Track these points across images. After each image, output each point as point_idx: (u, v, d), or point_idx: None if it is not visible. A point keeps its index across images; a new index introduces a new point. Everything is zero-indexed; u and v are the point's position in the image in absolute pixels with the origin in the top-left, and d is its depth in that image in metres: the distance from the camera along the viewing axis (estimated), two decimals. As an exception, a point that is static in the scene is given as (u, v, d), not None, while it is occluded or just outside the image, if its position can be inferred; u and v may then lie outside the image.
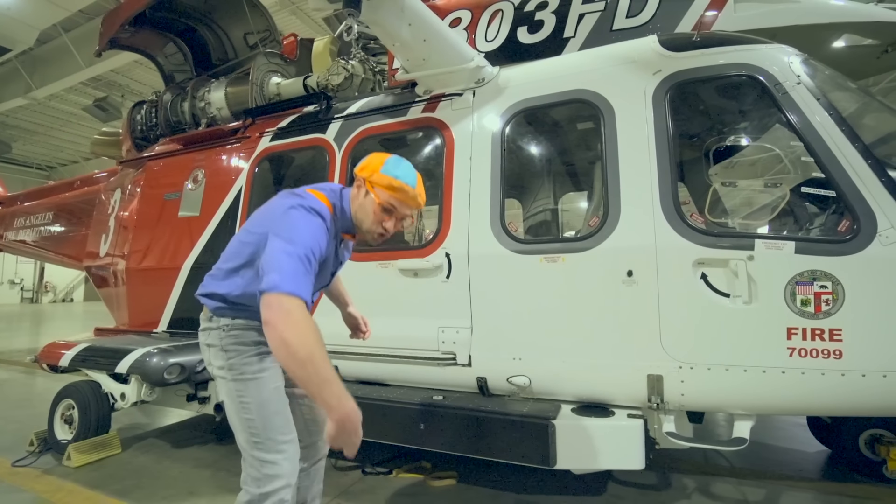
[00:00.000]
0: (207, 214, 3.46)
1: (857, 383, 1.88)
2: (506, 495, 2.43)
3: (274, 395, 1.48)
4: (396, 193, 1.45)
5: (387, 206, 1.46)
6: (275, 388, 1.50)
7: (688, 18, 2.67)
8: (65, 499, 2.40)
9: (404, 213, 1.50)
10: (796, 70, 2.16)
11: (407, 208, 1.49)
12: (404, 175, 1.46)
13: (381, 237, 1.52)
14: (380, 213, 1.47)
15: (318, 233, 1.37)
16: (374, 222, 1.48)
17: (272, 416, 1.45)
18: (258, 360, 1.48)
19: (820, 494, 2.45)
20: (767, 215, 2.27)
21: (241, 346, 1.48)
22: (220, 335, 1.50)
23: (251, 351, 1.49)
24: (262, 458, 1.42)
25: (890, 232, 1.86)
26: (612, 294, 2.20)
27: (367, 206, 1.47)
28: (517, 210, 4.17)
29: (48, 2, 10.35)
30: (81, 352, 3.10)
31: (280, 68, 4.06)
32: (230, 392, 1.47)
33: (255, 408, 1.44)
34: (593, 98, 2.43)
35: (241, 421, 1.45)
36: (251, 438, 1.43)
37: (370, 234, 1.52)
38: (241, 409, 1.45)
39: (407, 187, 1.45)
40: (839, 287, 1.89)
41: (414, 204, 1.49)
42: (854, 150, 1.97)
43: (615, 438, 2.11)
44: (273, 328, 1.18)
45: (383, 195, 1.45)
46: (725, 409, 2.15)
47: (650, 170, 2.21)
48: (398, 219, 1.51)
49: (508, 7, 3.00)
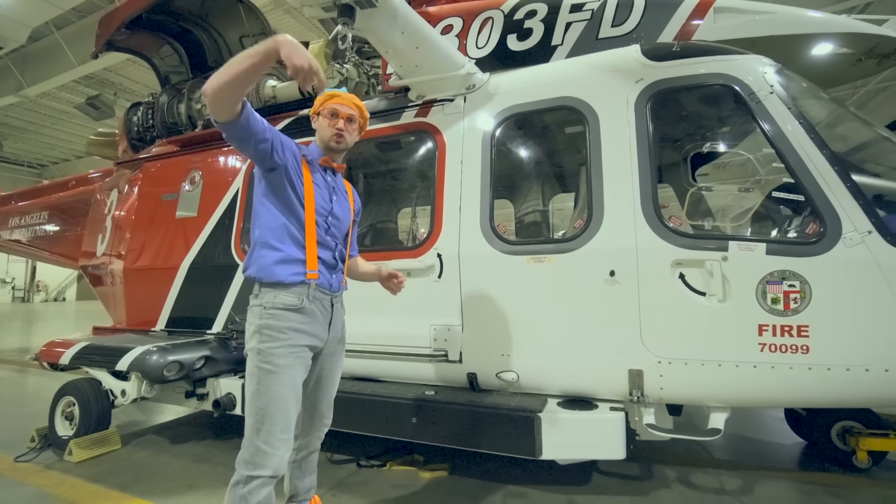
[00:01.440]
0: (205, 215, 3.53)
1: (823, 376, 2.01)
2: (495, 486, 2.53)
3: (289, 393, 1.59)
4: (332, 99, 1.78)
5: (331, 111, 1.77)
6: (292, 386, 1.61)
7: (670, 27, 2.78)
8: (68, 492, 2.47)
9: (346, 111, 1.78)
10: (770, 80, 2.27)
11: (346, 107, 1.79)
12: (335, 89, 1.83)
13: (338, 137, 1.78)
14: (329, 119, 1.77)
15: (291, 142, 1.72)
16: (328, 127, 1.77)
17: (279, 412, 1.56)
18: (286, 353, 1.59)
19: (794, 483, 2.58)
20: (741, 218, 2.39)
21: (275, 332, 1.60)
22: (259, 314, 1.62)
23: (282, 341, 1.60)
24: (257, 446, 1.53)
25: (853, 234, 1.98)
26: (595, 293, 2.31)
27: (321, 124, 1.80)
28: (509, 209, 4.28)
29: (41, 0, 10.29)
30: (81, 350, 3.17)
31: (275, 71, 4.12)
32: (252, 374, 1.60)
33: (267, 399, 1.56)
34: (579, 105, 2.53)
35: (252, 405, 1.57)
36: (255, 425, 1.55)
37: (331, 141, 1.78)
38: (255, 395, 1.57)
39: (338, 92, 1.80)
40: (807, 286, 2.01)
41: (350, 102, 1.80)
42: (822, 157, 2.09)
43: (597, 430, 2.22)
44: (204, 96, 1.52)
45: (325, 107, 1.79)
46: (701, 401, 2.27)
47: (632, 174, 2.32)
48: (343, 117, 1.78)
49: (498, 15, 3.10)
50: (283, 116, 3.54)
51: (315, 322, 1.69)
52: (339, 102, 1.78)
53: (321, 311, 1.71)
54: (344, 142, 1.80)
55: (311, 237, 1.68)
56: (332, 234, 1.77)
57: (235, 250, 3.32)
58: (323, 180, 1.79)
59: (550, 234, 3.45)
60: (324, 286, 1.71)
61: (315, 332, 1.70)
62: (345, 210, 1.85)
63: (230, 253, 3.34)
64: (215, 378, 3.04)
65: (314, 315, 1.68)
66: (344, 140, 1.80)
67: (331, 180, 1.83)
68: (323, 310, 1.72)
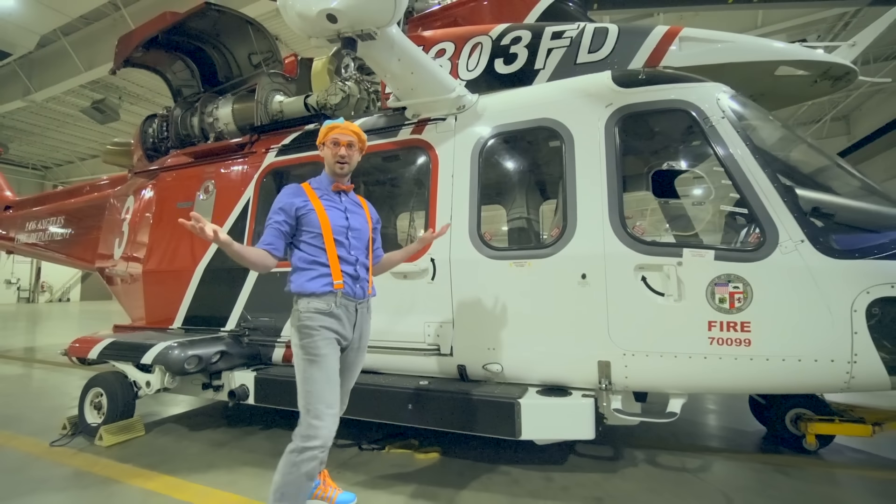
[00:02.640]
0: (218, 222, 3.82)
1: (763, 366, 2.31)
2: (482, 465, 2.84)
3: (329, 375, 1.94)
4: (333, 131, 2.12)
5: (333, 141, 2.11)
6: (330, 369, 1.95)
7: (641, 54, 3.09)
8: (103, 470, 2.78)
9: (345, 139, 2.11)
10: (723, 106, 2.58)
11: (345, 135, 2.11)
12: (334, 121, 2.16)
13: (341, 164, 2.12)
14: (332, 148, 2.11)
15: (281, 198, 2.07)
16: (332, 156, 2.11)
17: (323, 391, 1.91)
18: (323, 345, 1.94)
19: (749, 463, 2.89)
20: (694, 228, 2.69)
21: (311, 330, 1.95)
22: (298, 317, 1.98)
23: (318, 335, 1.94)
24: (309, 422, 1.87)
25: (788, 243, 2.29)
26: (569, 294, 2.61)
27: (326, 154, 2.13)
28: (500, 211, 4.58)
29: (49, 8, 10.57)
30: (108, 346, 3.48)
31: (282, 87, 4.43)
32: (299, 366, 1.95)
33: (312, 382, 1.91)
34: (556, 126, 2.84)
35: (303, 390, 1.92)
36: (306, 405, 1.90)
37: (336, 167, 2.12)
38: (303, 381, 1.93)
39: (337, 123, 2.13)
40: (749, 287, 2.32)
41: (348, 130, 2.12)
42: (764, 175, 2.40)
43: (570, 414, 2.52)
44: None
45: (328, 138, 2.12)
46: (661, 388, 2.58)
47: (601, 189, 2.63)
48: (344, 144, 2.10)
49: (487, 40, 3.41)
50: (291, 131, 3.85)
51: (341, 323, 2.01)
52: (340, 132, 2.12)
53: (346, 315, 2.04)
54: (347, 166, 2.14)
55: (333, 255, 2.01)
56: (355, 248, 2.09)
57: (247, 254, 3.63)
58: (336, 203, 2.13)
59: (532, 239, 3.74)
60: (349, 294, 2.03)
61: (341, 331, 2.02)
62: (362, 221, 2.18)
63: (242, 257, 3.64)
64: (230, 371, 3.35)
65: (340, 318, 2.01)
66: (347, 165, 2.14)
67: (344, 200, 2.17)
68: (348, 314, 2.05)
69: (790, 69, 3.22)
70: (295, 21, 2.76)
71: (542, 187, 4.11)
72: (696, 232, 2.71)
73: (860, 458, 2.96)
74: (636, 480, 2.64)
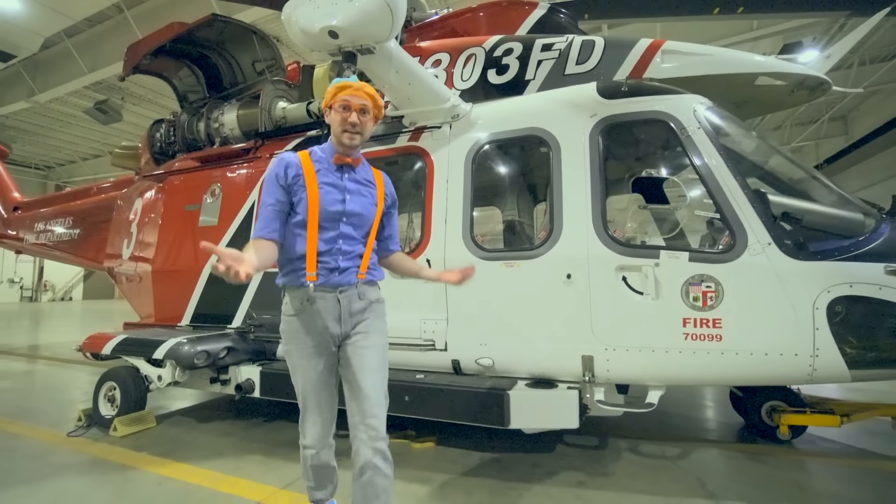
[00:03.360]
0: (225, 224, 4.01)
1: (733, 359, 2.50)
2: (474, 454, 3.03)
3: (309, 384, 1.78)
4: (343, 91, 1.71)
5: (342, 104, 1.71)
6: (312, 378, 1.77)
7: (625, 66, 3.27)
8: (119, 458, 2.96)
9: (358, 102, 1.71)
10: (699, 117, 2.76)
11: (357, 98, 1.71)
12: (345, 79, 1.77)
13: (351, 134, 1.72)
14: (340, 113, 1.71)
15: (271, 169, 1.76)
16: (340, 123, 1.71)
17: (306, 399, 1.82)
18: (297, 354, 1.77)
19: (725, 451, 3.07)
20: (670, 231, 2.87)
21: (287, 336, 1.79)
22: (282, 320, 1.81)
23: (294, 343, 1.77)
24: (301, 424, 1.86)
25: (756, 245, 2.47)
26: (555, 292, 2.80)
27: (333, 119, 1.74)
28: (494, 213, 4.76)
29: (53, 11, 10.73)
30: (121, 342, 3.66)
31: (285, 93, 4.60)
32: (290, 371, 1.83)
33: (299, 389, 1.83)
34: (544, 135, 3.02)
35: (296, 391, 1.85)
36: (300, 408, 1.85)
37: (344, 136, 1.72)
38: (294, 385, 1.84)
39: (349, 82, 1.73)
40: (720, 287, 2.50)
41: (361, 93, 1.71)
42: (735, 182, 2.58)
43: (555, 405, 2.70)
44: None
45: (336, 100, 1.72)
46: (640, 381, 2.76)
47: (586, 195, 2.81)
48: (356, 109, 1.71)
49: (480, 52, 3.59)
50: (293, 137, 4.03)
51: (319, 321, 1.73)
52: (351, 93, 1.71)
53: (327, 309, 1.73)
54: (358, 137, 1.75)
55: (313, 243, 1.70)
56: (347, 237, 1.74)
57: (252, 255, 3.81)
58: (335, 180, 1.76)
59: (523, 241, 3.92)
60: (325, 285, 1.72)
61: (321, 331, 1.74)
62: (366, 204, 1.80)
63: (248, 257, 3.82)
64: (236, 366, 3.54)
65: (317, 315, 1.73)
66: (358, 136, 1.75)
67: (347, 177, 1.79)
68: (328, 307, 1.73)
69: (769, 79, 3.39)
70: (298, 36, 2.95)
71: (532, 192, 4.30)
72: (673, 235, 2.89)
73: (829, 446, 3.15)
74: (618, 467, 2.82)
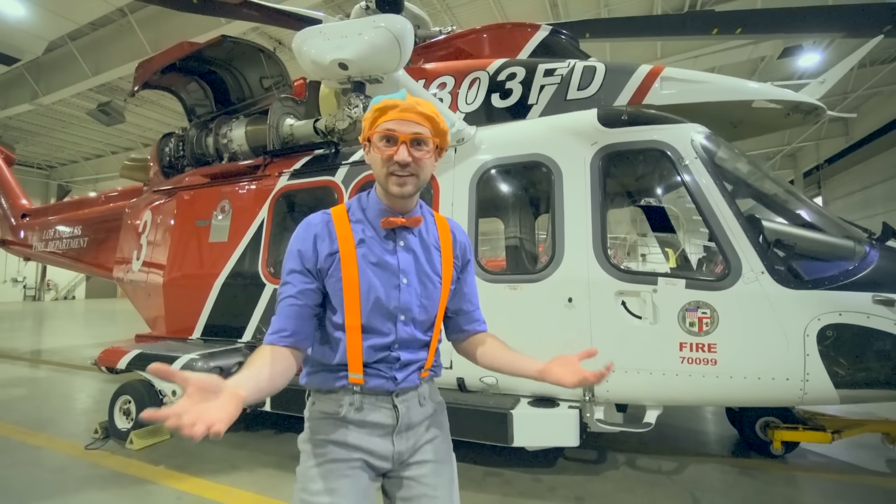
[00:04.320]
0: (235, 240, 4.12)
1: (727, 383, 2.61)
2: (477, 468, 3.15)
3: None
4: (386, 114, 1.14)
5: (385, 136, 1.13)
6: None
7: (625, 92, 3.36)
8: (137, 472, 3.09)
9: (408, 130, 1.12)
10: (696, 147, 2.86)
11: (408, 124, 1.12)
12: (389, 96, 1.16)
13: (401, 178, 1.14)
14: (383, 149, 1.13)
15: (294, 242, 1.20)
16: (383, 163, 1.14)
17: None
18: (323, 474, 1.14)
19: (718, 465, 3.19)
20: (668, 258, 2.98)
21: (311, 446, 1.19)
22: (305, 426, 1.24)
23: (320, 457, 1.16)
24: None
25: (750, 274, 2.58)
26: (557, 315, 2.91)
27: (374, 157, 1.17)
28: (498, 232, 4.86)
29: (57, 15, 10.78)
30: (135, 357, 3.77)
31: (292, 109, 4.69)
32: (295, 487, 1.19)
33: None
34: (547, 161, 3.12)
35: None
36: None
37: (391, 183, 1.15)
38: None
39: (394, 101, 1.14)
40: (715, 313, 2.61)
41: (413, 114, 1.13)
42: (731, 211, 2.68)
43: (557, 423, 2.83)
44: None
45: (377, 128, 1.14)
46: (638, 401, 2.88)
47: (586, 221, 2.92)
48: (404, 139, 1.12)
49: (484, 76, 3.68)
50: (301, 155, 4.13)
51: (364, 433, 1.18)
52: (398, 118, 1.12)
53: (375, 418, 1.18)
54: (411, 184, 1.15)
55: (356, 352, 1.16)
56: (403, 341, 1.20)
57: (262, 272, 3.91)
58: (386, 251, 1.20)
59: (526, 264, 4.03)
60: (379, 389, 1.19)
61: (368, 447, 1.18)
62: (429, 285, 1.23)
63: (258, 273, 3.93)
64: (248, 380, 3.65)
65: (363, 424, 1.18)
66: (412, 180, 1.15)
67: (402, 247, 1.21)
68: (379, 417, 1.19)
69: (765, 102, 3.49)
70: (309, 66, 3.05)
71: (535, 216, 4.40)
72: (670, 262, 3.00)
73: (820, 461, 3.27)
74: (615, 482, 2.95)
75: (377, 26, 2.92)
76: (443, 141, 1.20)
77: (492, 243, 4.67)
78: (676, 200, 3.13)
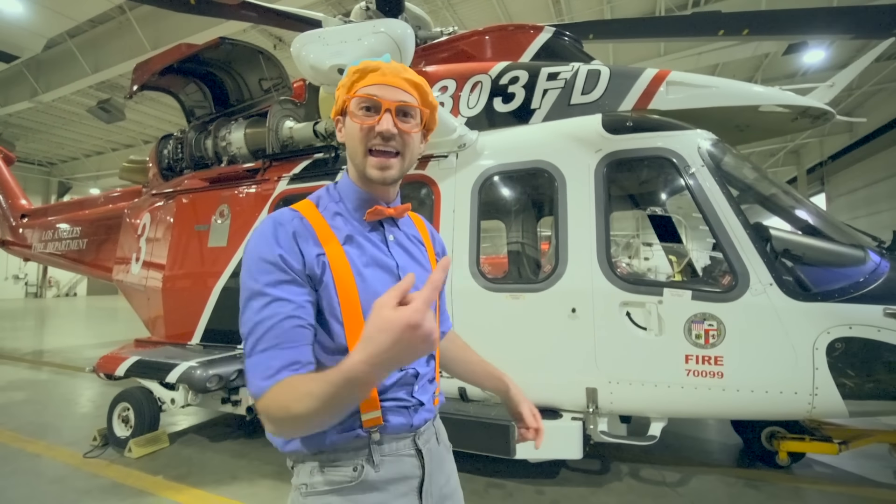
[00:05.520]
0: (234, 245, 4.07)
1: (733, 396, 2.57)
2: (479, 478, 3.11)
3: None
4: (367, 77, 0.93)
5: (364, 104, 0.92)
6: None
7: (630, 97, 3.29)
8: (137, 482, 3.06)
9: (392, 97, 0.91)
10: (703, 154, 2.79)
11: (392, 90, 0.92)
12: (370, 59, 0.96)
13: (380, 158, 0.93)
14: (362, 119, 0.92)
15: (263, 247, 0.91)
16: (362, 137, 0.92)
17: None
18: None
19: (722, 477, 3.15)
20: (674, 269, 2.92)
21: None
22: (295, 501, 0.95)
23: None
24: None
25: (758, 286, 2.52)
26: (560, 325, 2.86)
27: (350, 130, 0.94)
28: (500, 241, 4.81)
29: (56, 12, 10.70)
30: (134, 364, 3.74)
31: (291, 112, 4.63)
32: None
33: None
34: (550, 168, 3.07)
35: None
36: None
37: (368, 163, 0.93)
38: None
39: (376, 63, 0.94)
40: (722, 325, 2.56)
41: (398, 79, 0.93)
42: (738, 221, 2.63)
43: (560, 435, 2.79)
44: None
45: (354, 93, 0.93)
46: (643, 413, 2.83)
47: (590, 230, 2.87)
48: (388, 108, 0.91)
49: (486, 79, 3.61)
50: (301, 160, 4.07)
51: (389, 495, 0.93)
52: (381, 82, 0.92)
53: (399, 471, 0.95)
54: (396, 164, 0.94)
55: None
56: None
57: (262, 277, 3.87)
58: (378, 245, 0.98)
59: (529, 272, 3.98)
60: (401, 427, 0.96)
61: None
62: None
63: (257, 279, 3.89)
64: (247, 387, 3.62)
65: (384, 487, 0.93)
66: (395, 164, 0.94)
67: (393, 240, 1.02)
68: (403, 468, 0.96)
69: (772, 106, 3.42)
70: (308, 71, 2.98)
71: (538, 223, 4.35)
72: (676, 273, 2.94)
73: (826, 472, 3.23)
74: (618, 494, 2.91)
75: (377, 31, 2.86)
76: (431, 116, 1.01)
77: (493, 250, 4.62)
78: (683, 209, 3.08)
